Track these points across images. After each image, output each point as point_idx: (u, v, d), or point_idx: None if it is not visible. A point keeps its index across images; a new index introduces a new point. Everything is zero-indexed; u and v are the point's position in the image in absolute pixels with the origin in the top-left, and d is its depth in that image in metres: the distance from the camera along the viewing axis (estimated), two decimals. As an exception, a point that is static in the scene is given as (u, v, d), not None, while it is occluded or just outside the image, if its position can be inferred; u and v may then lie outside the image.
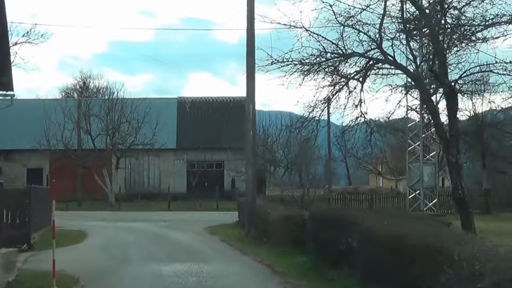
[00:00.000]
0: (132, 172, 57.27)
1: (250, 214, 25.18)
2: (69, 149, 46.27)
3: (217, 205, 45.95)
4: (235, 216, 37.72)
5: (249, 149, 25.46)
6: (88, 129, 46.46)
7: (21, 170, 57.47)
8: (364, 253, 13.19)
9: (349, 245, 14.64)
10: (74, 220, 35.38)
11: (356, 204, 39.38)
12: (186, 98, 62.25)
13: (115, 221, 34.84)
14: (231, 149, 57.58)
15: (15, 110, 55.88)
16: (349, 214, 16.02)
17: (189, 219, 36.78)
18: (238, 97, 62.28)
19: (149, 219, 36.06)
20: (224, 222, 34.07)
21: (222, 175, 58.24)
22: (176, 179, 57.93)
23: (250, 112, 25.38)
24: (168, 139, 53.60)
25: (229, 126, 59.87)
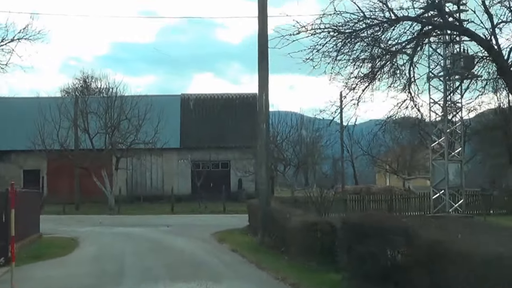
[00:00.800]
0: (133, 173, 53.96)
1: (264, 219, 21.86)
2: (66, 149, 42.88)
3: (224, 207, 42.65)
4: (244, 220, 34.51)
5: (262, 145, 22.12)
6: (86, 127, 43.10)
7: (17, 172, 54.14)
8: (423, 272, 10.00)
9: (397, 261, 11.47)
10: (69, 225, 32.23)
11: (374, 205, 36.01)
12: (189, 95, 58.93)
13: (113, 226, 31.58)
14: (237, 148, 54.33)
15: (11, 108, 53.08)
16: (394, 221, 12.73)
17: (194, 223, 33.52)
18: (244, 94, 59.07)
19: (151, 224, 32.77)
20: (233, 226, 30.79)
21: (228, 175, 54.92)
22: (180, 180, 54.60)
23: (263, 103, 22.05)
24: (171, 138, 50.27)
25: (236, 124, 56.56)
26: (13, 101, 54.43)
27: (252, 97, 58.24)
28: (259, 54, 21.85)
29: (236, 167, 53.60)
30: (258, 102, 22.24)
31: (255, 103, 59.45)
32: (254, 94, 58.98)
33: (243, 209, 43.63)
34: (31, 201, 23.18)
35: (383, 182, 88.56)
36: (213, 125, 56.11)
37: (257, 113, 55.14)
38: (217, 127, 55.99)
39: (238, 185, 54.64)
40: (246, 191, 54.59)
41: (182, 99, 57.90)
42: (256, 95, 60.41)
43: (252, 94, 58.71)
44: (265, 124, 22.15)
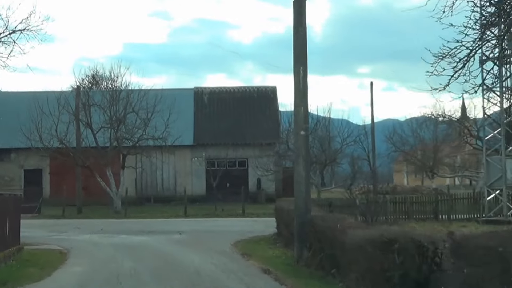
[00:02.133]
0: (143, 172, 48.74)
1: (302, 228, 16.57)
2: (66, 145, 37.65)
3: (243, 210, 37.37)
4: (269, 225, 29.37)
5: (300, 134, 16.77)
6: (89, 122, 37.88)
7: (18, 172, 49.22)
8: None
9: None
10: (64, 232, 27.11)
11: (419, 208, 30.62)
12: (203, 88, 53.71)
13: (116, 233, 26.38)
14: (256, 144, 49.10)
15: (8, 103, 47.92)
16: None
17: (210, 229, 28.28)
18: (262, 87, 53.88)
19: (160, 230, 27.54)
20: (257, 233, 25.64)
21: (246, 174, 49.70)
22: (194, 179, 49.43)
23: (300, 80, 16.71)
24: (184, 134, 44.97)
25: (254, 119, 51.34)
26: (12, 95, 49.28)
27: (271, 91, 53.04)
28: (296, 13, 16.62)
29: (256, 165, 48.38)
30: (294, 81, 16.86)
31: (275, 97, 54.46)
32: (273, 87, 53.82)
33: (264, 211, 38.47)
34: (5, 206, 17.97)
35: (401, 181, 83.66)
36: (229, 120, 51.01)
37: (277, 107, 50.05)
38: (234, 122, 50.88)
39: (257, 185, 49.46)
40: (266, 191, 49.43)
41: (195, 93, 52.72)
42: (275, 88, 55.51)
43: (271, 87, 53.48)
44: (304, 109, 16.81)
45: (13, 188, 47.88)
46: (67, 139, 37.31)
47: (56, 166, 47.24)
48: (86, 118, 37.84)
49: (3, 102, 48.69)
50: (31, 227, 29.41)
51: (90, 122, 37.84)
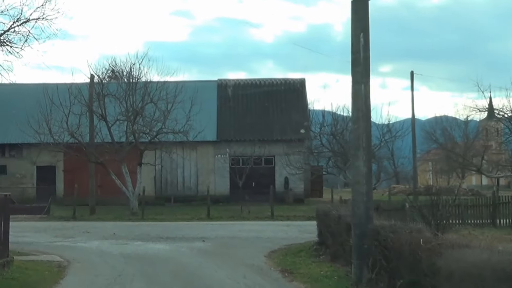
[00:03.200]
0: (162, 169, 44.98)
1: (362, 242, 12.71)
2: (77, 139, 33.88)
3: (272, 212, 33.45)
4: (303, 230, 25.80)
5: (360, 118, 12.80)
6: (103, 114, 34.09)
7: (30, 168, 45.72)
8: None
9: None
10: (72, 237, 23.44)
11: (474, 212, 26.58)
12: (227, 80, 49.78)
13: (130, 239, 22.65)
14: (284, 141, 45.27)
15: (21, 96, 44.29)
16: None
17: (238, 234, 24.41)
18: (290, 79, 49.94)
19: (181, 236, 23.75)
20: (292, 241, 21.93)
21: (273, 173, 45.79)
22: (217, 178, 45.62)
23: (361, 49, 12.79)
24: (206, 130, 41.07)
25: (281, 113, 47.47)
26: (24, 88, 45.66)
27: (299, 83, 49.11)
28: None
29: (282, 163, 44.55)
30: (352, 47, 12.91)
31: (303, 89, 50.41)
32: (302, 79, 49.81)
33: (294, 214, 34.64)
34: None
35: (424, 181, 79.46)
36: (255, 114, 47.22)
37: (306, 100, 46.05)
38: (259, 117, 47.06)
39: (284, 184, 45.56)
40: (294, 191, 45.55)
41: (219, 86, 48.86)
42: (304, 81, 51.48)
43: (299, 79, 49.54)
44: (365, 88, 12.88)
45: (24, 186, 44.56)
46: (79, 133, 33.53)
47: (70, 162, 43.71)
48: (100, 109, 34.05)
49: (15, 95, 45.13)
50: (36, 231, 25.87)
51: (105, 114, 34.05)
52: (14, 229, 26.81)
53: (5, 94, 46.64)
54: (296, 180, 45.84)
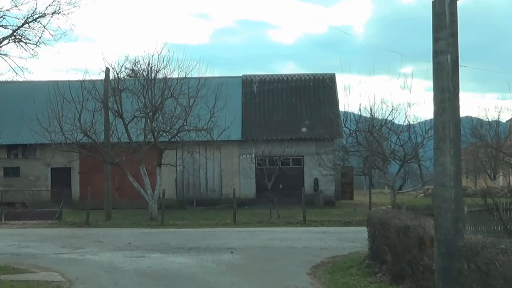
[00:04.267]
0: (184, 170, 41.83)
1: (450, 262, 9.43)
2: (92, 138, 30.75)
3: (304, 217, 30.14)
4: (342, 238, 22.80)
5: (447, 104, 9.48)
6: (119, 110, 30.92)
7: (44, 170, 42.82)
8: None
9: None
10: (81, 248, 20.37)
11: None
12: (253, 76, 46.50)
13: (148, 250, 19.52)
14: (313, 140, 42.09)
15: (34, 95, 41.18)
16: None
17: (270, 244, 21.18)
18: (319, 74, 46.57)
19: (205, 245, 20.56)
20: (333, 251, 18.85)
21: (301, 174, 42.47)
22: (242, 180, 42.44)
23: (446, 8, 9.50)
24: (231, 128, 37.60)
25: (310, 110, 44.16)
26: (37, 85, 42.70)
27: (329, 78, 45.74)
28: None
29: (312, 164, 41.35)
30: (434, 8, 9.67)
31: (333, 85, 46.97)
32: (332, 74, 46.38)
33: (328, 219, 31.25)
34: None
35: None
36: (282, 112, 44.00)
37: (336, 97, 42.73)
38: (287, 114, 43.84)
39: (314, 186, 42.23)
40: (324, 193, 42.24)
41: (243, 82, 45.64)
42: (334, 76, 48.11)
43: (329, 74, 46.18)
44: (453, 56, 9.55)
45: (38, 189, 41.66)
46: (93, 131, 30.40)
47: (86, 164, 40.79)
48: (116, 105, 30.88)
49: (29, 93, 42.10)
50: (42, 239, 22.86)
51: (121, 111, 30.85)
52: (19, 238, 23.93)
53: (18, 93, 43.84)
54: (327, 182, 42.56)
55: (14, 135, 42.67)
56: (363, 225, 29.68)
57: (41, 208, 35.12)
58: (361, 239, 22.42)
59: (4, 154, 43.18)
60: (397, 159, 30.72)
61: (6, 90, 44.50)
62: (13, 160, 43.15)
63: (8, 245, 21.11)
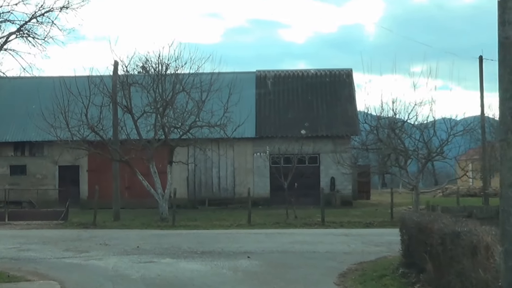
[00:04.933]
0: (196, 169, 40.25)
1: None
2: (99, 134, 29.14)
3: (323, 218, 28.45)
4: (366, 241, 21.27)
5: None
6: (128, 105, 29.30)
7: (52, 169, 41.32)
8: None
9: None
10: (85, 252, 18.75)
11: None
12: (267, 71, 44.80)
13: (157, 254, 17.89)
14: (329, 137, 40.45)
15: (41, 91, 39.65)
16: None
17: (289, 248, 19.50)
18: (336, 70, 44.79)
19: (219, 249, 18.92)
20: (360, 257, 17.24)
21: (317, 172, 40.76)
22: (256, 179, 40.80)
23: None
24: (245, 125, 35.86)
25: (326, 107, 42.49)
26: (44, 81, 41.10)
27: (345, 74, 44.00)
28: None
29: (329, 162, 39.74)
30: None
31: (350, 81, 45.07)
32: (348, 70, 44.62)
33: (348, 219, 29.54)
34: None
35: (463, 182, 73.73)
36: (297, 108, 42.34)
37: (353, 93, 40.98)
38: (303, 111, 42.18)
39: (330, 185, 40.52)
40: (341, 193, 40.53)
41: (257, 78, 43.97)
42: (351, 72, 46.34)
43: (345, 70, 44.44)
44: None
45: (46, 188, 40.18)
46: (100, 127, 28.77)
47: (95, 161, 39.34)
48: (124, 100, 29.24)
49: (36, 89, 40.53)
50: (45, 242, 21.30)
51: (130, 106, 29.23)
52: (20, 240, 22.35)
53: (25, 89, 42.34)
54: (343, 181, 40.89)
55: (20, 132, 41.17)
56: (385, 226, 28.14)
57: (48, 207, 33.63)
58: (386, 242, 20.75)
59: (10, 152, 41.73)
60: (421, 157, 28.93)
61: (13, 86, 43.10)
62: (20, 157, 41.70)
63: (8, 248, 19.55)
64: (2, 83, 43.48)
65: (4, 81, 43.51)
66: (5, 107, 42.17)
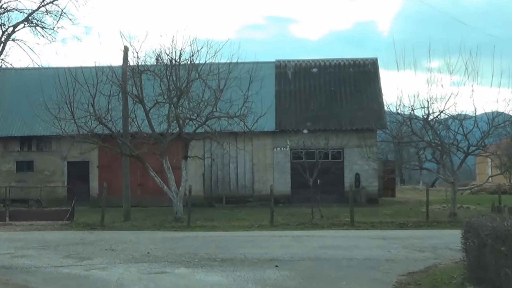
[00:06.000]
0: (212, 164, 37.71)
1: None
2: (107, 126, 26.55)
3: (352, 218, 25.77)
4: (408, 245, 18.98)
5: None
6: (139, 95, 26.68)
7: (60, 164, 38.88)
8: None
9: None
10: (88, 258, 16.27)
11: None
12: (287, 61, 42.09)
13: (170, 262, 15.38)
14: (354, 131, 37.81)
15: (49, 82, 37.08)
16: None
17: (321, 254, 16.85)
18: (359, 59, 42.12)
19: (242, 256, 16.33)
20: (405, 265, 14.83)
21: (341, 168, 38.00)
22: (276, 175, 38.17)
23: None
24: (264, 118, 32.98)
25: (350, 99, 39.74)
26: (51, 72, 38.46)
27: (370, 64, 41.23)
28: None
29: (352, 157, 37.15)
30: None
31: (376, 71, 42.14)
32: (373, 59, 41.71)
33: (379, 220, 26.80)
34: None
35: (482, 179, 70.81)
36: (319, 100, 39.66)
37: (379, 84, 38.13)
38: (325, 103, 39.47)
39: (355, 182, 37.75)
40: (366, 190, 37.80)
41: (277, 67, 41.30)
42: (376, 61, 43.42)
43: (370, 59, 41.69)
44: None
45: (54, 186, 37.78)
46: (108, 118, 26.16)
47: (106, 157, 36.85)
48: (135, 89, 26.64)
49: (44, 81, 37.93)
50: (44, 246, 18.84)
51: (141, 95, 26.60)
52: (17, 244, 19.69)
53: (32, 80, 39.73)
54: (369, 177, 38.16)
55: (27, 126, 38.68)
56: (421, 227, 25.40)
57: (56, 206, 31.26)
58: (430, 247, 18.10)
59: (17, 147, 39.28)
60: (461, 151, 26.19)
61: (20, 77, 40.66)
62: (27, 153, 39.22)
63: (1, 253, 17.06)
64: (8, 74, 41.00)
65: (10, 72, 41.05)
66: (11, 100, 39.70)
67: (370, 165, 37.65)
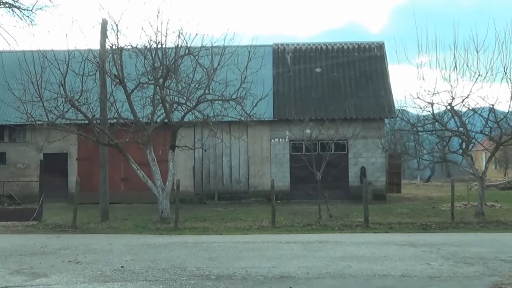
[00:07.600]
0: (204, 156, 33.75)
1: None
2: (81, 111, 22.41)
3: (366, 218, 21.86)
4: (447, 254, 15.52)
5: None
6: (119, 74, 22.51)
7: (35, 157, 34.72)
8: None
9: None
10: (43, 276, 12.19)
11: None
12: (285, 45, 38.10)
13: (149, 281, 11.42)
14: (359, 120, 34.00)
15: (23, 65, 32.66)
16: None
17: (343, 269, 12.89)
18: (365, 43, 38.17)
19: (242, 272, 12.41)
20: (457, 285, 10.60)
21: (345, 161, 34.11)
22: (274, 169, 34.27)
23: None
24: (260, 107, 28.82)
25: (355, 86, 35.80)
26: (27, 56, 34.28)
27: (376, 48, 37.33)
28: None
29: (357, 150, 33.39)
30: None
31: (382, 56, 38.10)
32: (380, 43, 37.77)
33: (398, 220, 22.84)
34: None
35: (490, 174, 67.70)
36: (321, 87, 35.76)
37: (386, 69, 33.93)
38: (327, 91, 35.57)
39: (360, 176, 33.91)
40: (373, 185, 33.89)
41: (275, 51, 37.32)
42: (383, 45, 39.48)
43: (376, 43, 37.79)
44: None
45: (28, 180, 33.71)
46: (82, 101, 22.07)
47: (86, 148, 33.18)
48: (115, 67, 22.51)
49: (18, 65, 33.81)
50: (-6, 255, 14.78)
51: (122, 75, 22.45)
52: (-38, 253, 15.99)
53: (5, 65, 35.52)
54: (376, 171, 34.38)
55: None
56: (447, 229, 21.22)
57: (31, 202, 27.49)
58: (477, 258, 14.20)
59: (-13, 137, 35.19)
60: (493, 141, 22.32)
61: (-8, 61, 36.41)
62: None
63: None
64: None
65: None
66: (-18, 85, 35.50)
67: (377, 158, 34.01)
